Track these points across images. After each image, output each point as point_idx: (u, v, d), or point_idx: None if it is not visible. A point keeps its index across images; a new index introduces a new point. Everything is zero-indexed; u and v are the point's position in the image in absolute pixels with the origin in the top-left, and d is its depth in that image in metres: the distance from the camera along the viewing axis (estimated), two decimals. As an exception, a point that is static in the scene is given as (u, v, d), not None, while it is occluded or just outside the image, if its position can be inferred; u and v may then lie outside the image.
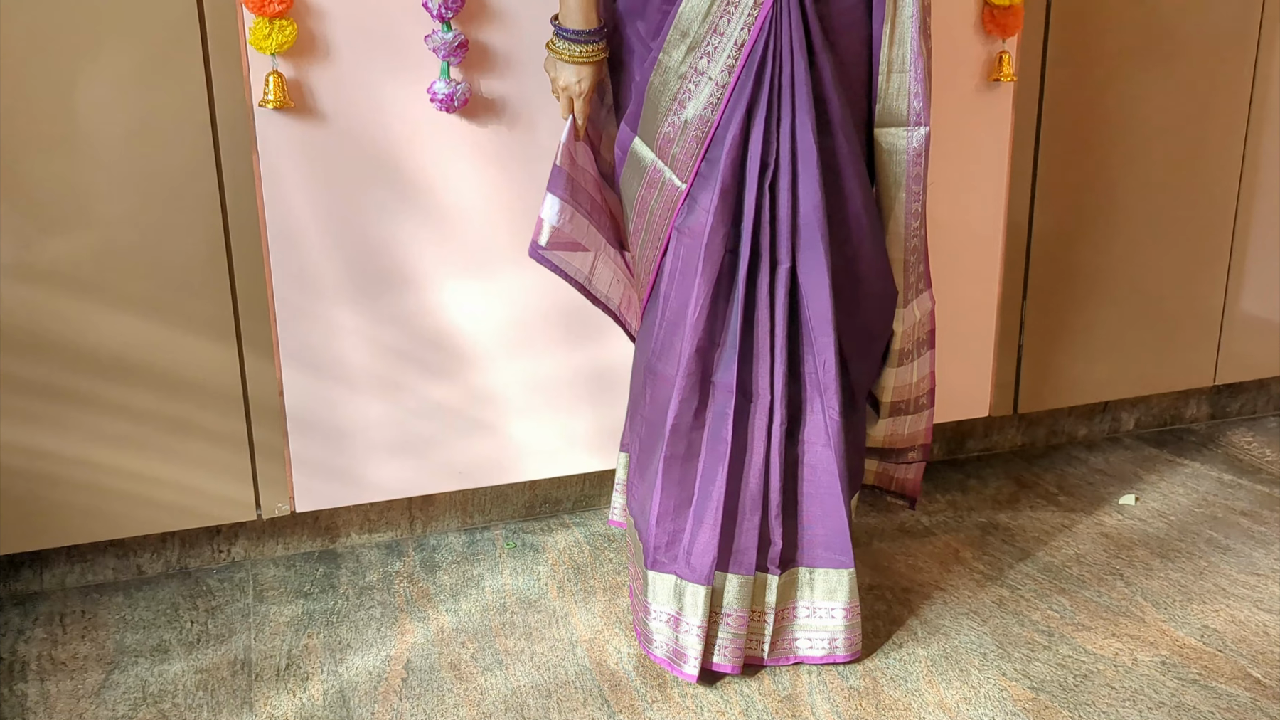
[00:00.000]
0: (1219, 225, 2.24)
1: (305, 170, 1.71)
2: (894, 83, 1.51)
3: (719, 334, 1.52)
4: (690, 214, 1.50)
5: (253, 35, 1.62)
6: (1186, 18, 2.09)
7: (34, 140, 1.60)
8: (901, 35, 1.48)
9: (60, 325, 1.67)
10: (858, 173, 1.51)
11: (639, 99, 1.53)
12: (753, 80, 1.44)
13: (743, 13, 1.42)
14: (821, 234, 1.48)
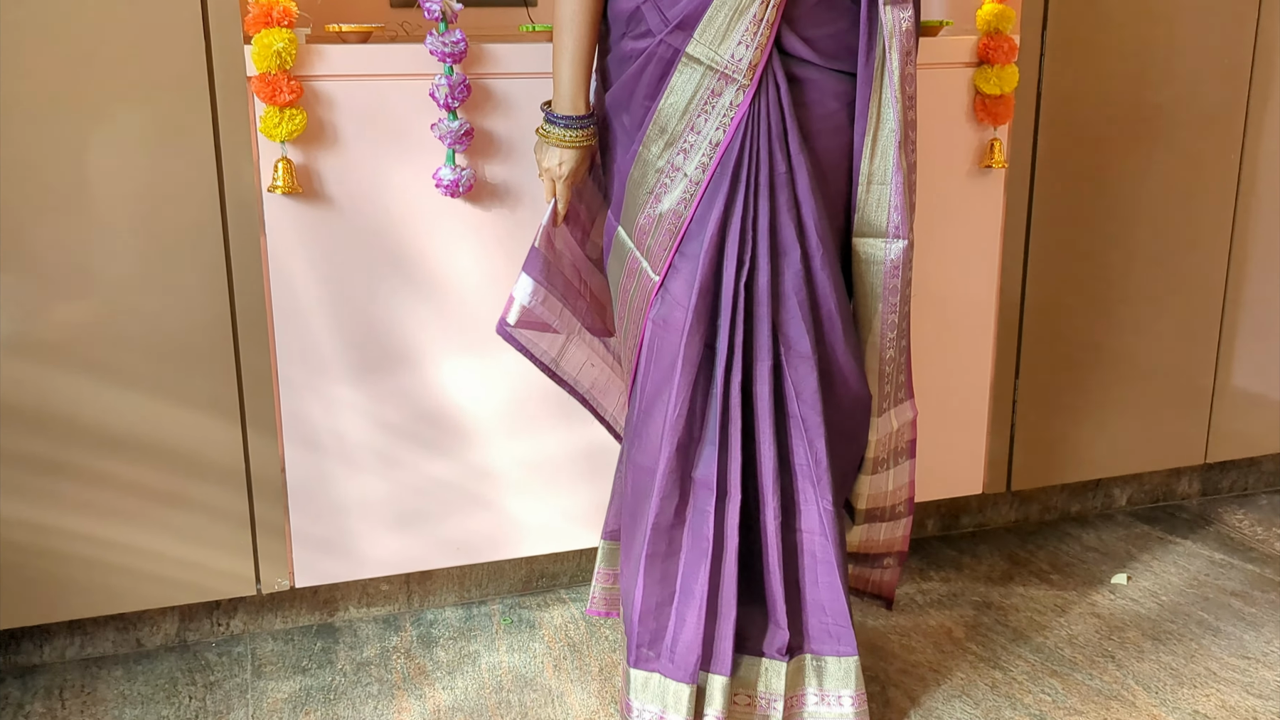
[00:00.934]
0: (1209, 302, 2.28)
1: (311, 252, 1.75)
2: (874, 194, 1.53)
3: (698, 430, 1.53)
4: (663, 305, 1.52)
5: (263, 123, 1.66)
6: (1175, 100, 2.14)
7: (43, 215, 1.64)
8: (884, 148, 1.51)
9: (65, 400, 1.69)
10: (832, 275, 1.52)
11: (621, 189, 1.58)
12: (728, 179, 1.46)
13: (719, 113, 1.45)
14: (807, 327, 1.50)
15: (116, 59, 1.62)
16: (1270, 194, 2.27)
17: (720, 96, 1.45)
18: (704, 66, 1.45)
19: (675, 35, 1.47)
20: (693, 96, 1.46)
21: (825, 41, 1.49)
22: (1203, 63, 2.15)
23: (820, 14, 1.48)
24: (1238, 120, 2.21)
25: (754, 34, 1.43)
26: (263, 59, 1.63)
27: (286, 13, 1.64)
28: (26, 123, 1.60)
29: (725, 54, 1.44)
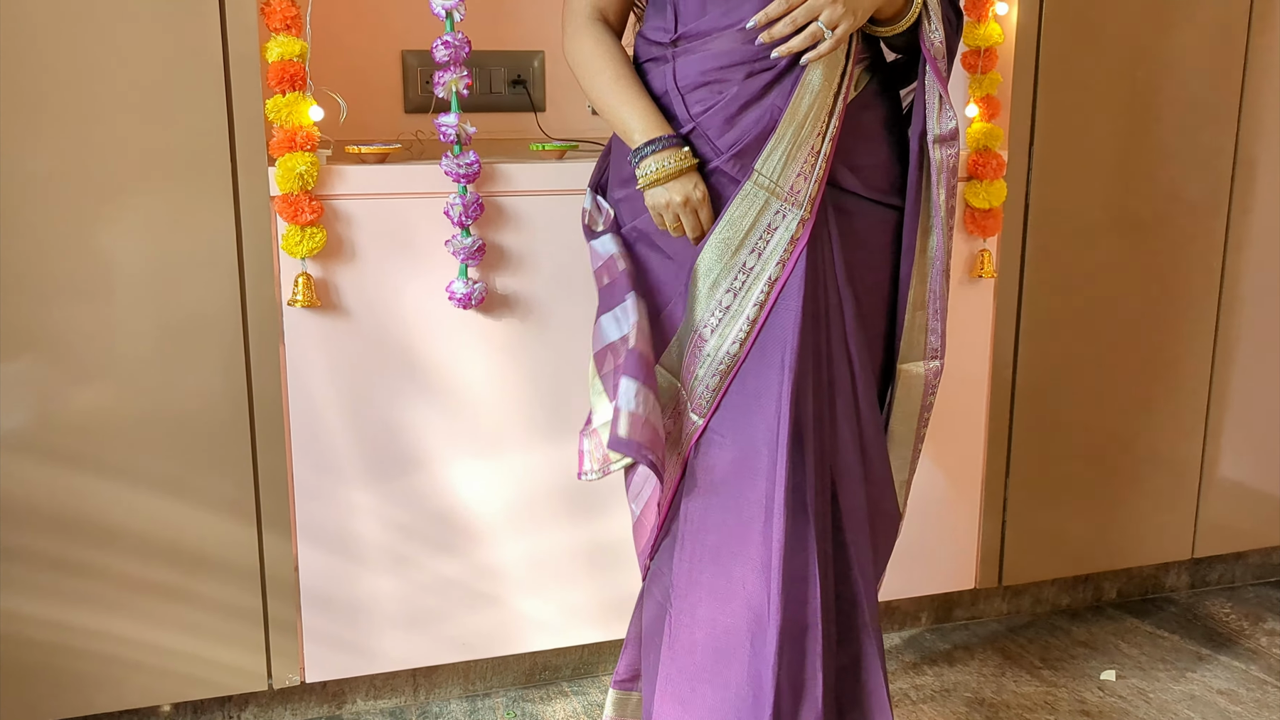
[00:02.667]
0: (1195, 397, 2.35)
1: (328, 360, 1.82)
2: (917, 320, 1.57)
3: (802, 573, 1.49)
4: (711, 447, 1.50)
5: (285, 241, 1.75)
6: (1158, 204, 2.23)
7: (70, 329, 1.72)
8: (928, 276, 1.56)
9: (83, 497, 1.76)
10: (871, 405, 1.54)
11: (654, 323, 1.55)
12: (792, 315, 1.45)
13: (777, 246, 1.46)
14: (856, 456, 1.52)
15: (148, 183, 1.70)
16: (1252, 290, 2.35)
17: (777, 231, 1.46)
18: (767, 194, 1.46)
19: (732, 164, 1.48)
20: (750, 229, 1.46)
21: (870, 173, 1.53)
22: (1185, 168, 2.23)
23: (865, 147, 1.52)
24: (1220, 220, 2.30)
25: (813, 166, 1.46)
26: (286, 181, 1.72)
27: (309, 137, 1.73)
28: (66, 249, 1.68)
29: (785, 185, 1.45)
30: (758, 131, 1.46)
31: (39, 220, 1.67)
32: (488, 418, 1.91)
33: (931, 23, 1.48)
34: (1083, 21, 2.10)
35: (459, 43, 1.76)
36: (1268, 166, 2.30)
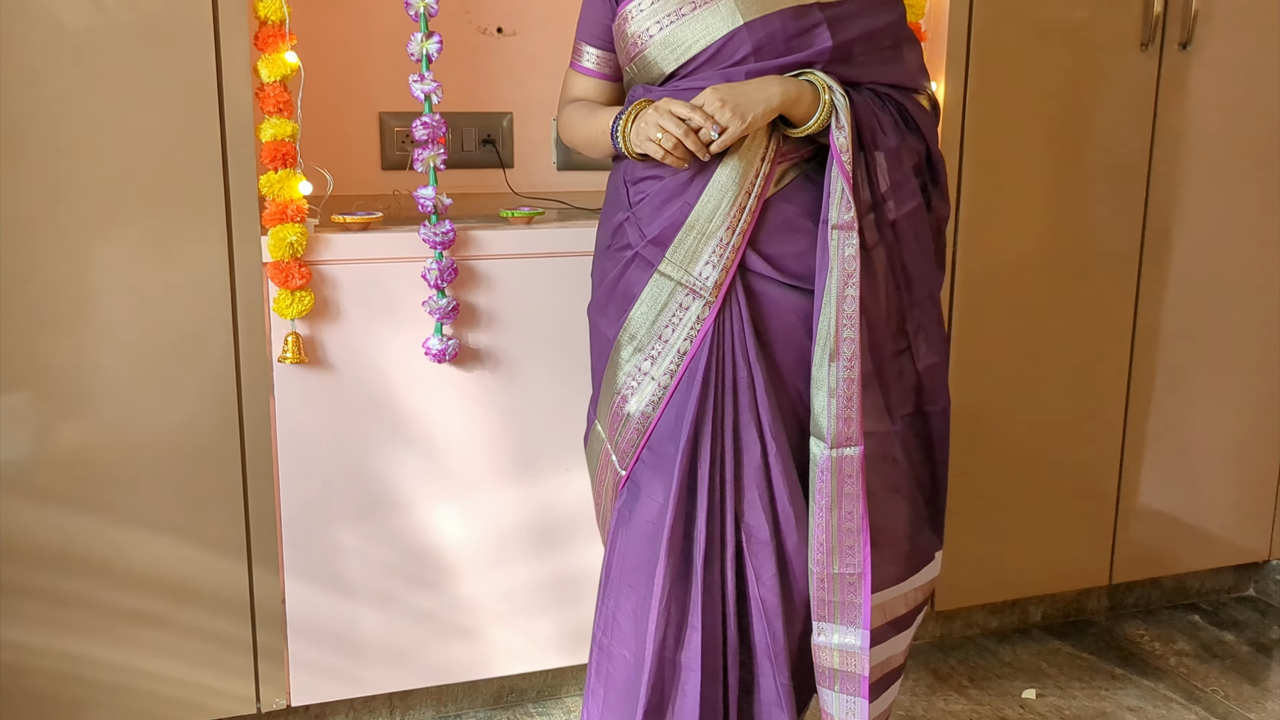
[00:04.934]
0: (1111, 432, 2.55)
1: (315, 412, 1.99)
2: (817, 401, 1.61)
3: (683, 615, 1.63)
4: (628, 495, 1.67)
5: (276, 304, 1.91)
6: (1078, 248, 2.43)
7: (57, 399, 1.87)
8: (828, 359, 1.59)
9: (81, 537, 1.90)
10: (785, 471, 1.63)
11: (597, 387, 1.76)
12: (697, 384, 1.60)
13: (687, 325, 1.61)
14: (766, 517, 1.64)
15: (150, 251, 1.86)
16: (1164, 330, 2.54)
17: (688, 310, 1.61)
18: (674, 282, 1.62)
19: (650, 249, 1.64)
20: (662, 308, 1.63)
21: (786, 260, 1.64)
22: (1102, 221, 2.43)
23: (782, 235, 1.63)
24: (1133, 266, 2.49)
25: (720, 256, 1.60)
26: (278, 249, 1.88)
27: (299, 210, 1.90)
28: (73, 312, 1.84)
29: (694, 272, 1.60)
30: (672, 222, 1.62)
31: (49, 292, 1.83)
32: (460, 462, 2.08)
33: (839, 121, 1.59)
34: (1006, 94, 2.29)
35: (436, 123, 1.94)
36: (1177, 219, 2.50)
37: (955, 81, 2.25)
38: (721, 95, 1.56)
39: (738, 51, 1.61)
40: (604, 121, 1.71)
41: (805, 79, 1.61)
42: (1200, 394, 2.62)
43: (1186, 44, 2.39)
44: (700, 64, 1.63)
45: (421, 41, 1.92)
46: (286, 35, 1.87)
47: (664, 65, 1.66)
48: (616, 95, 1.82)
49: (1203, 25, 2.40)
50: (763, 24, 1.61)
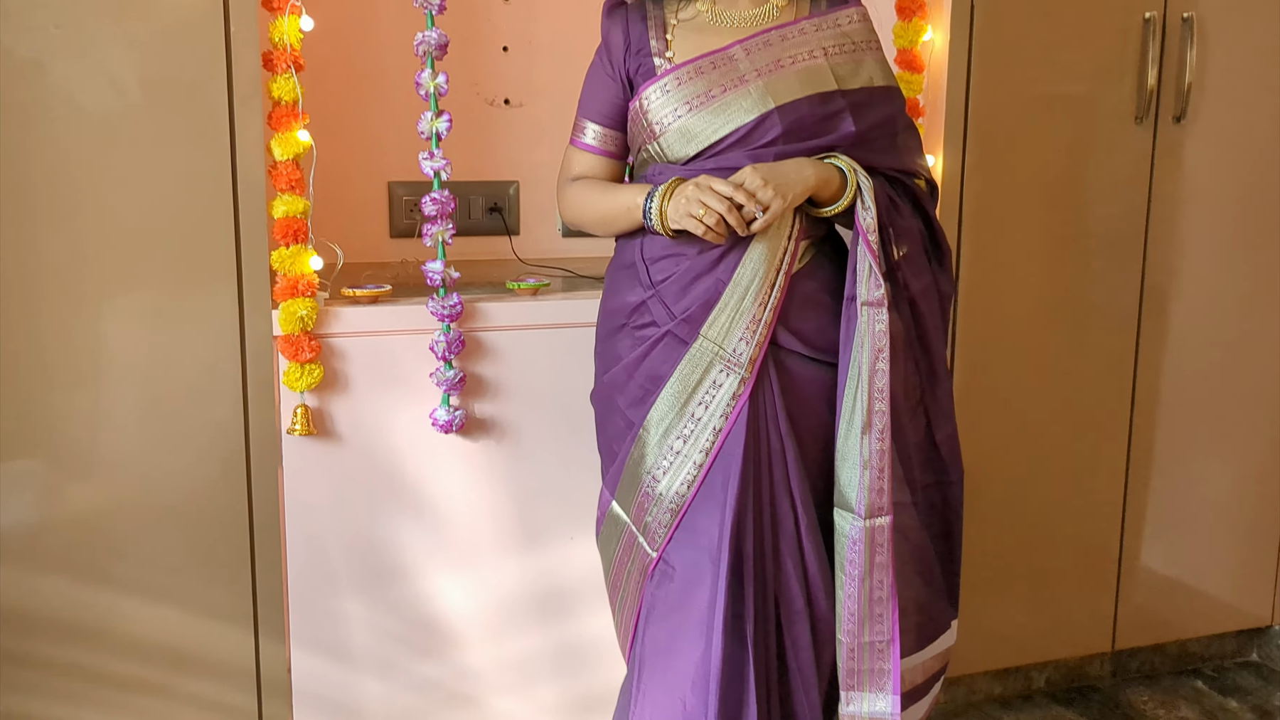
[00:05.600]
0: (1111, 495, 2.56)
1: (323, 482, 2.01)
2: (844, 473, 1.65)
3: (740, 691, 1.62)
4: (662, 578, 1.67)
5: (286, 377, 1.94)
6: (1077, 314, 2.45)
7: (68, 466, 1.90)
8: (855, 433, 1.64)
9: (86, 606, 1.92)
10: (815, 542, 1.67)
11: (618, 467, 1.75)
12: (736, 461, 1.61)
13: (721, 401, 1.63)
14: (800, 588, 1.66)
15: (163, 324, 1.89)
16: (1165, 395, 2.56)
17: (721, 388, 1.64)
18: (709, 358, 1.65)
19: (682, 327, 1.67)
20: (695, 387, 1.65)
21: (810, 334, 1.69)
22: (1100, 289, 2.46)
23: (806, 310, 1.68)
24: (1131, 332, 2.52)
25: (754, 332, 1.63)
26: (288, 323, 1.91)
27: (310, 284, 1.93)
28: (83, 380, 1.87)
29: (729, 349, 1.64)
30: (705, 300, 1.67)
31: (61, 357, 1.86)
32: (465, 531, 2.10)
33: (864, 202, 1.66)
34: (1003, 166, 2.33)
35: (445, 199, 1.98)
36: (1175, 284, 2.53)
37: (953, 155, 2.29)
38: (764, 174, 1.61)
39: (769, 134, 1.67)
40: (627, 199, 1.72)
41: (831, 161, 1.67)
42: (1201, 457, 2.64)
43: (1180, 117, 2.44)
44: (729, 145, 1.68)
45: (432, 120, 1.96)
46: (299, 115, 1.91)
47: (690, 148, 1.70)
48: (619, 173, 1.85)
49: (1196, 99, 2.45)
50: (792, 108, 1.67)
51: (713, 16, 1.74)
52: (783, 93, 1.67)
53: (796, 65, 1.69)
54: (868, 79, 1.73)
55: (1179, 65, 2.42)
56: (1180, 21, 2.40)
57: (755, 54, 1.69)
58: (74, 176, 1.82)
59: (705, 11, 1.75)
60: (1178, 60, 2.41)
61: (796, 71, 1.68)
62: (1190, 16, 2.39)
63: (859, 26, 1.76)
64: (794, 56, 1.69)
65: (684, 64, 1.70)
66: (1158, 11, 2.38)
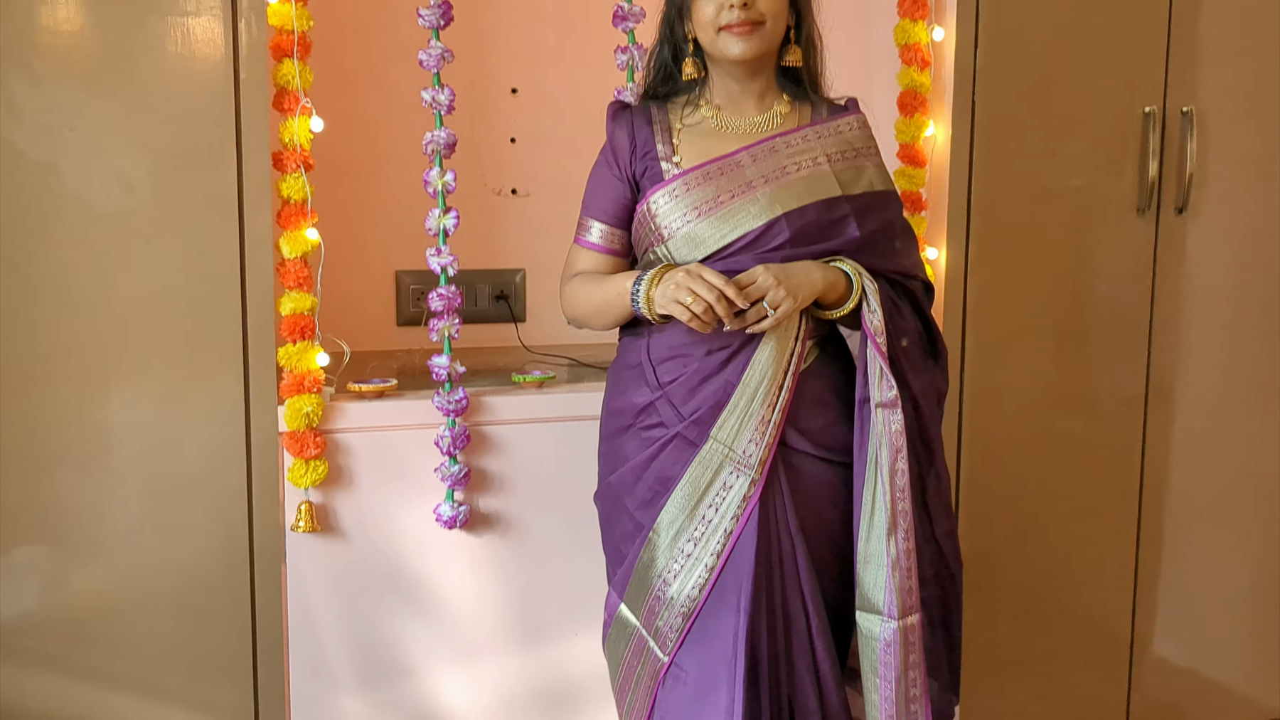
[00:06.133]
0: (1121, 574, 2.54)
1: (326, 578, 2.00)
2: (869, 574, 1.65)
3: None
4: (675, 682, 1.66)
5: (291, 473, 1.94)
6: (1083, 400, 2.45)
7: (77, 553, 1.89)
8: (877, 534, 1.64)
9: (86, 705, 1.91)
10: (826, 643, 1.66)
11: (626, 570, 1.73)
12: (748, 563, 1.61)
13: (732, 503, 1.63)
14: (812, 689, 1.66)
15: (170, 422, 1.90)
16: (1173, 476, 2.54)
17: (732, 489, 1.64)
18: (719, 460, 1.65)
19: (691, 429, 1.66)
20: (706, 489, 1.65)
21: (818, 434, 1.69)
22: (1106, 375, 2.46)
23: (813, 410, 1.69)
24: (1138, 407, 2.51)
25: (763, 433, 1.63)
26: (294, 420, 1.92)
27: (316, 381, 1.94)
28: (89, 470, 1.87)
29: (739, 450, 1.64)
30: (714, 402, 1.67)
31: (66, 446, 1.86)
32: (469, 627, 2.08)
33: (870, 305, 1.68)
34: (1007, 258, 2.34)
35: (452, 295, 1.99)
36: (1180, 369, 2.53)
37: (957, 247, 2.31)
38: (775, 275, 1.63)
39: (776, 239, 1.68)
40: (619, 284, 1.73)
41: (836, 265, 1.69)
42: (1211, 544, 2.61)
43: (1182, 209, 2.45)
44: (737, 250, 1.69)
45: (439, 217, 1.99)
46: (308, 213, 1.93)
47: (698, 252, 1.71)
48: (623, 270, 1.86)
49: (1198, 191, 2.47)
50: (800, 214, 1.69)
51: (718, 122, 1.77)
52: (789, 199, 1.69)
53: (801, 172, 1.71)
54: (868, 184, 1.76)
55: (1179, 157, 2.44)
56: (1180, 115, 2.42)
57: (761, 160, 1.72)
58: (84, 272, 1.84)
59: (711, 117, 1.77)
60: (1178, 153, 2.44)
61: (802, 178, 1.71)
62: (1190, 110, 2.42)
63: (859, 133, 1.79)
64: (798, 163, 1.72)
65: (692, 169, 1.72)
66: (1157, 105, 2.40)
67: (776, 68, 1.79)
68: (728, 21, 1.68)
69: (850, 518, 1.71)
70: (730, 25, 1.68)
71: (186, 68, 1.85)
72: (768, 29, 1.70)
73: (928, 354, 1.79)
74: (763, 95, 1.78)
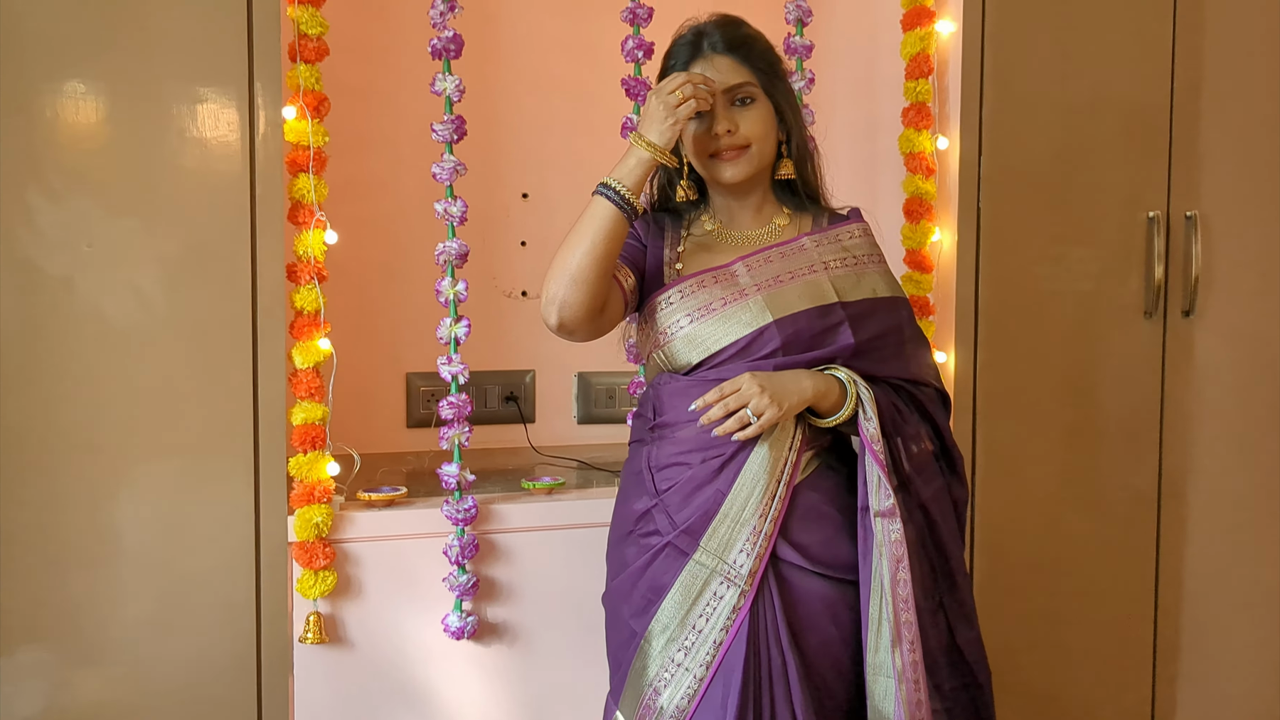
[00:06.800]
0: (1139, 687, 2.51)
1: (334, 690, 1.98)
2: (880, 685, 1.63)
3: None
4: None
5: (300, 584, 1.93)
6: (1100, 491, 2.44)
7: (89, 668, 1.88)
8: (884, 646, 1.63)
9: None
10: None
11: (621, 676, 1.74)
12: (737, 674, 1.58)
13: (721, 615, 1.61)
14: None
15: (180, 539, 1.90)
16: (1190, 570, 2.52)
17: (722, 600, 1.62)
18: (709, 571, 1.63)
19: (682, 539, 1.65)
20: (696, 598, 1.63)
21: (814, 548, 1.66)
22: (1119, 469, 2.46)
23: (809, 523, 1.67)
24: (1151, 507, 2.50)
25: (754, 544, 1.62)
26: (304, 530, 1.92)
27: (326, 491, 1.94)
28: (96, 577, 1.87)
29: (729, 560, 1.62)
30: (705, 510, 1.65)
31: (77, 546, 1.86)
32: (477, 738, 2.06)
33: (866, 412, 1.67)
34: (1015, 361, 2.35)
35: (462, 403, 2.00)
36: (1192, 468, 2.52)
37: (965, 351, 2.32)
38: (760, 382, 1.63)
39: (767, 346, 1.69)
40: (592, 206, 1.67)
41: (830, 373, 1.69)
42: (1228, 644, 2.58)
43: (1189, 312, 2.47)
44: (729, 356, 1.70)
45: (451, 325, 2.00)
46: (321, 324, 1.95)
47: (692, 356, 1.72)
48: (625, 297, 1.78)
49: (1204, 293, 2.48)
50: (791, 321, 1.69)
51: (719, 236, 1.80)
52: (781, 306, 1.70)
53: (796, 280, 1.73)
54: (870, 290, 1.76)
55: (1185, 261, 2.45)
56: (1184, 219, 2.45)
57: (756, 270, 1.74)
58: (99, 383, 1.86)
59: (713, 231, 1.81)
60: (1183, 256, 2.45)
61: (796, 286, 1.72)
62: (1194, 214, 2.44)
63: (861, 241, 1.80)
64: (793, 272, 1.73)
65: (688, 277, 1.75)
66: (1161, 210, 2.43)
67: (772, 181, 1.82)
68: (715, 148, 1.73)
69: (858, 636, 1.69)
70: (718, 152, 1.73)
71: (203, 183, 1.88)
72: (754, 151, 1.74)
73: (941, 461, 1.78)
74: (760, 209, 1.82)
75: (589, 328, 1.71)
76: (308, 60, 1.94)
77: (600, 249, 1.64)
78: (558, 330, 1.70)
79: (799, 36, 2.28)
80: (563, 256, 1.67)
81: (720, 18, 1.79)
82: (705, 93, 1.67)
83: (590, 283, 1.65)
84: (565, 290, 1.65)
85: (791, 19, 2.27)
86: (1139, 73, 2.41)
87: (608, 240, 1.65)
